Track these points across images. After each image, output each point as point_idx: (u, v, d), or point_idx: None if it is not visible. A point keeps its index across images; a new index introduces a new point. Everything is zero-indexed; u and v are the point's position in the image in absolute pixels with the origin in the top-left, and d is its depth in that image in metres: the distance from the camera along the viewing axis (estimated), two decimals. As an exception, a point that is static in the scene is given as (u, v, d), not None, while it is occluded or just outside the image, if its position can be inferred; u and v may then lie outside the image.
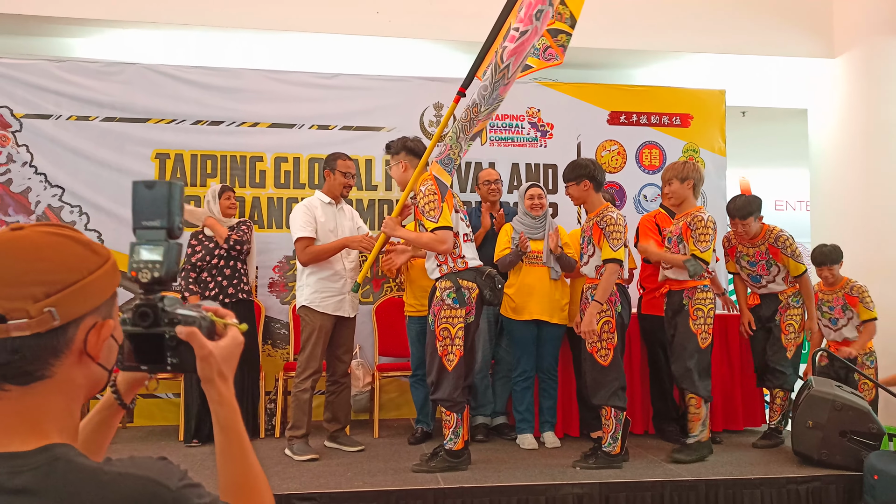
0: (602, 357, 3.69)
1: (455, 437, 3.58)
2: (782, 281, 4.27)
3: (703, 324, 3.83)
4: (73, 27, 5.12)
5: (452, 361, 3.53)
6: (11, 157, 4.86)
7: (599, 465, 3.65)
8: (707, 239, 3.83)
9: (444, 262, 3.58)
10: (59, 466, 0.78)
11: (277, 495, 3.17)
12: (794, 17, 5.71)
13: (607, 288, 3.67)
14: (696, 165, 4.06)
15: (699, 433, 3.82)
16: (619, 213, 3.78)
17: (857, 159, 5.56)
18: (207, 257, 4.29)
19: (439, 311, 3.54)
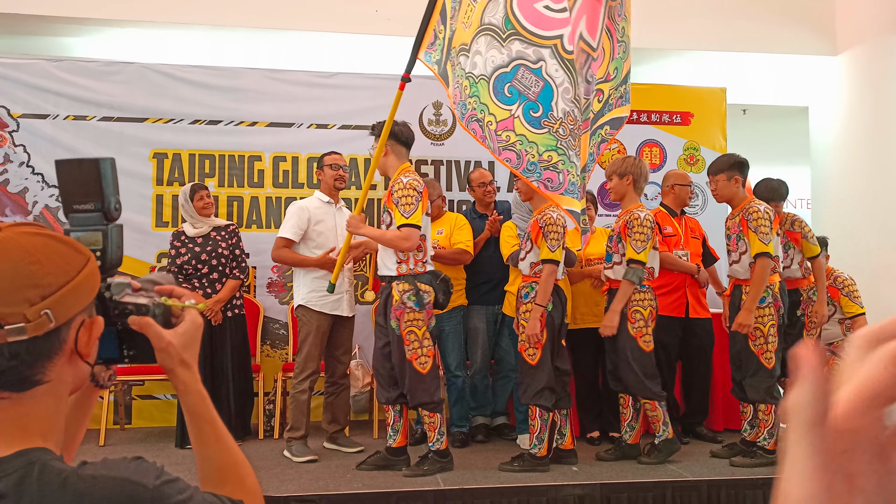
0: (530, 356, 3.63)
1: (440, 437, 3.54)
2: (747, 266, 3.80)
3: (643, 326, 3.69)
4: (71, 26, 5.10)
5: (426, 364, 3.46)
6: (8, 157, 4.84)
7: (523, 468, 3.58)
8: (643, 239, 3.68)
9: (404, 262, 3.48)
10: (33, 472, 0.77)
11: (276, 497, 3.15)
12: (795, 15, 5.68)
13: (547, 290, 3.61)
14: (637, 161, 3.91)
15: (663, 432, 3.75)
16: (561, 214, 3.68)
17: (859, 157, 5.53)
18: (193, 261, 4.24)
19: (402, 315, 3.45)
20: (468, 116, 3.29)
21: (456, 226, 4.41)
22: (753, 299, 3.68)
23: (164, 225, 4.95)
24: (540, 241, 3.65)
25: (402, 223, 3.40)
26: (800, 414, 0.38)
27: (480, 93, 3.22)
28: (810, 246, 4.14)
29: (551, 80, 3.14)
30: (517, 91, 3.17)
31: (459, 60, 3.31)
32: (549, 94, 3.14)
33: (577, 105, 3.16)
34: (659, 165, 5.58)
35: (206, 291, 4.21)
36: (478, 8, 3.27)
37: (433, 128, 5.35)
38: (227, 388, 4.21)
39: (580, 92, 3.20)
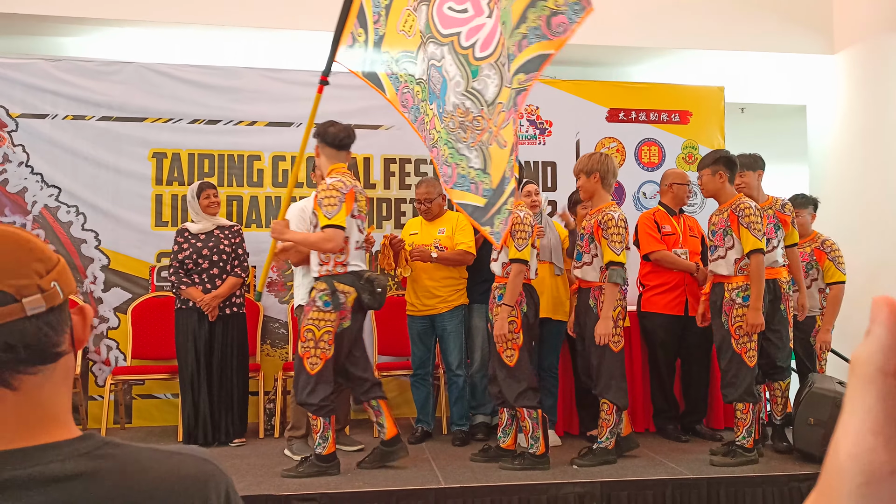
0: (508, 358, 3.61)
1: (324, 442, 3.48)
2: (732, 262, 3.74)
3: (612, 327, 3.65)
4: (69, 26, 5.09)
5: (316, 365, 3.42)
6: (7, 157, 4.83)
7: (524, 467, 3.57)
8: (619, 240, 3.63)
9: (325, 263, 3.49)
10: (110, 449, 0.79)
11: (277, 496, 3.15)
12: (793, 14, 5.69)
13: (515, 289, 3.59)
14: (604, 157, 3.82)
15: (605, 440, 3.68)
16: (528, 213, 3.69)
17: (857, 156, 5.55)
18: (195, 256, 4.26)
19: (307, 312, 3.46)
20: (419, 121, 3.38)
21: (458, 226, 4.40)
22: (758, 297, 3.65)
23: (164, 224, 4.95)
24: (508, 240, 3.63)
25: (324, 224, 3.40)
26: (868, 364, 0.35)
27: (424, 95, 3.36)
28: (795, 234, 4.06)
29: (446, 75, 3.23)
30: (431, 90, 3.31)
31: (405, 67, 3.36)
32: (445, 88, 3.24)
33: (470, 97, 3.16)
34: (657, 164, 5.59)
35: (206, 287, 4.22)
36: (415, 17, 3.37)
37: (432, 127, 5.35)
38: (231, 385, 4.22)
39: (477, 85, 3.16)
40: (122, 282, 4.89)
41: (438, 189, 4.55)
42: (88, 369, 4.82)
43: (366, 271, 3.57)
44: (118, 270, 4.90)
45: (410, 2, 3.33)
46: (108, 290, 4.87)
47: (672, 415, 4.41)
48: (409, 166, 5.30)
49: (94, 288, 4.85)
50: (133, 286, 4.89)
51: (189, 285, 4.20)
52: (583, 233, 3.84)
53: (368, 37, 3.38)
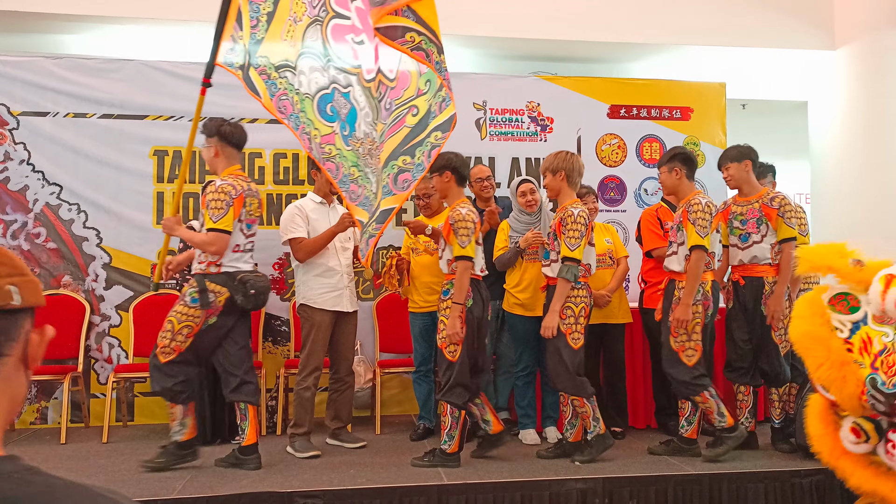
0: (451, 353, 3.62)
1: (182, 429, 3.57)
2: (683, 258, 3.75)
3: (573, 323, 3.63)
4: (70, 23, 5.09)
5: (168, 355, 3.50)
6: (9, 155, 4.84)
7: (433, 464, 3.58)
8: (576, 236, 3.62)
9: (202, 262, 3.57)
10: (30, 476, 0.76)
11: (280, 493, 3.16)
12: (794, 9, 5.69)
13: (462, 287, 3.59)
14: (569, 156, 3.83)
15: (594, 428, 3.69)
16: (470, 210, 3.69)
17: (858, 152, 5.55)
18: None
19: (175, 303, 3.55)
20: (301, 129, 3.52)
21: None
22: (690, 293, 3.64)
23: (165, 222, 4.95)
24: (451, 237, 3.65)
25: (210, 227, 3.48)
26: None
27: (307, 109, 3.52)
28: (786, 228, 3.84)
29: (356, 104, 3.53)
30: (336, 111, 3.55)
31: (286, 76, 3.51)
32: (354, 116, 3.52)
33: (375, 129, 3.50)
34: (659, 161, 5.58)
35: None
36: (298, 29, 3.52)
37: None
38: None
39: (380, 113, 3.52)
40: (124, 279, 4.89)
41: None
42: (90, 367, 4.83)
43: (241, 272, 3.60)
44: (120, 268, 4.90)
45: (292, 13, 3.50)
46: (110, 287, 4.87)
47: (674, 411, 4.40)
48: (411, 163, 5.29)
49: (96, 286, 4.86)
50: (135, 284, 4.89)
51: None
52: (549, 231, 3.84)
53: (245, 39, 3.46)
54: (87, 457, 3.89)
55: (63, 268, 4.85)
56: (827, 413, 2.83)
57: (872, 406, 2.56)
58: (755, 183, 4.00)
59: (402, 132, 3.48)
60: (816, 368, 2.65)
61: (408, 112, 3.50)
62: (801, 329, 2.75)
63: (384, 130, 3.52)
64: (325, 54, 3.55)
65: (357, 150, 3.52)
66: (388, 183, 3.44)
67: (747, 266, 3.93)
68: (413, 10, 3.29)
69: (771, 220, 3.88)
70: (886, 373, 2.50)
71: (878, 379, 2.52)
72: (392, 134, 3.50)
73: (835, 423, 2.80)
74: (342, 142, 3.53)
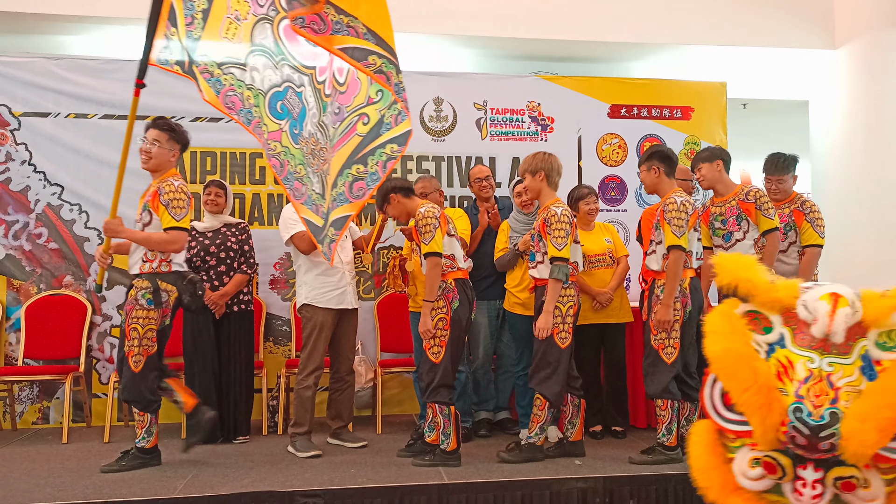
0: (434, 354, 3.62)
1: (148, 437, 3.59)
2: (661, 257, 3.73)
3: (560, 322, 3.62)
4: (71, 24, 5.10)
5: (139, 363, 3.48)
6: (10, 156, 4.85)
7: (434, 463, 3.58)
8: (562, 235, 3.60)
9: (151, 261, 3.54)
10: None
11: (281, 492, 3.16)
12: (794, 8, 5.69)
13: (433, 284, 3.61)
14: (548, 156, 3.82)
15: (534, 436, 3.68)
16: (429, 207, 3.72)
17: (859, 151, 5.54)
18: (202, 253, 4.28)
19: (131, 311, 3.50)
20: (254, 123, 3.52)
21: (453, 217, 4.44)
22: (670, 293, 3.61)
23: (167, 222, 4.96)
24: (417, 238, 3.70)
25: (172, 226, 3.50)
26: None
27: (260, 104, 3.53)
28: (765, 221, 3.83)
29: (307, 104, 3.54)
30: (287, 109, 3.55)
31: (231, 72, 3.52)
32: (304, 115, 3.53)
33: (321, 130, 3.51)
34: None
35: (214, 284, 4.25)
36: (244, 28, 3.51)
37: (434, 124, 5.36)
38: (236, 383, 4.24)
39: (326, 120, 3.53)
40: (125, 280, 4.89)
41: (436, 185, 4.56)
42: (92, 367, 4.84)
43: (188, 272, 3.66)
44: (121, 269, 4.89)
45: (232, 11, 3.50)
46: (111, 287, 4.88)
47: (675, 410, 4.41)
48: (411, 163, 5.31)
49: (98, 286, 4.86)
50: (136, 284, 4.89)
51: None
52: (533, 232, 3.82)
53: (181, 37, 3.45)
54: (89, 456, 3.89)
55: (64, 268, 4.86)
56: (715, 444, 2.45)
57: (791, 439, 2.20)
58: (728, 182, 3.97)
59: (353, 140, 3.52)
60: (742, 392, 2.24)
61: (359, 120, 3.54)
62: (721, 345, 2.33)
63: (336, 137, 3.54)
64: (279, 52, 3.55)
65: (303, 148, 3.54)
66: (345, 191, 3.49)
67: None
68: (372, 31, 3.30)
69: (750, 215, 3.84)
70: (813, 402, 2.17)
71: (803, 409, 2.18)
72: (344, 142, 3.53)
73: (724, 456, 2.42)
74: (290, 140, 3.54)
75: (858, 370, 2.19)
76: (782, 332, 2.30)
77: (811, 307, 2.20)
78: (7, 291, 4.81)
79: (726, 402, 2.30)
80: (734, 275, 2.41)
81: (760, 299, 2.34)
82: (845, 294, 2.26)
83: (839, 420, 2.10)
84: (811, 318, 2.20)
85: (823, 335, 2.19)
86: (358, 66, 3.31)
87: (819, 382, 2.19)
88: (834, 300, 2.18)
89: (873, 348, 2.21)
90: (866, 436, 2.07)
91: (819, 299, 2.21)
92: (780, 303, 2.32)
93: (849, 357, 2.19)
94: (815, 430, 2.14)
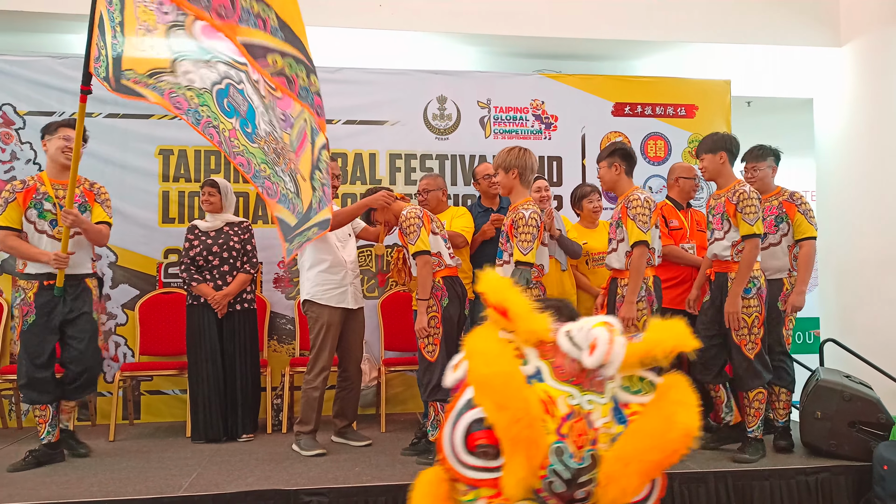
0: (429, 353, 3.63)
1: (53, 430, 3.67)
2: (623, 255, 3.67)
3: None
4: (76, 23, 5.10)
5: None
6: (15, 155, 4.86)
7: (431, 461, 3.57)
8: (528, 239, 3.51)
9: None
10: None
11: (286, 490, 3.17)
12: (799, 6, 5.67)
13: (425, 283, 3.63)
14: (522, 152, 3.72)
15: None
16: (411, 209, 3.73)
17: (864, 149, 5.53)
18: (205, 253, 4.29)
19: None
20: (204, 123, 3.30)
21: (455, 215, 4.48)
22: (633, 290, 3.57)
23: (171, 221, 4.98)
24: (404, 240, 3.73)
25: (104, 220, 3.85)
26: None
27: (209, 103, 3.28)
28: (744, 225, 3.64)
29: (252, 101, 3.27)
30: (233, 107, 3.30)
31: (164, 79, 3.30)
32: (253, 113, 3.27)
33: (275, 129, 3.25)
34: (664, 158, 5.59)
35: (217, 283, 4.25)
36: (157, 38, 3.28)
37: (438, 122, 5.36)
38: (240, 381, 4.24)
39: (274, 118, 3.25)
40: (130, 278, 4.91)
41: (440, 183, 4.57)
42: (97, 365, 4.85)
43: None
44: (126, 267, 4.92)
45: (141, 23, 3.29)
46: (116, 286, 4.89)
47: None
48: (415, 161, 5.31)
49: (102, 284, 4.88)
50: (141, 283, 4.91)
51: (200, 282, 4.23)
52: (503, 231, 3.77)
53: (108, 51, 3.31)
54: (94, 455, 3.90)
55: (69, 267, 4.87)
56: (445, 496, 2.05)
57: (549, 486, 1.86)
58: (729, 175, 3.82)
59: (308, 147, 3.32)
60: (512, 424, 1.85)
61: (307, 125, 3.34)
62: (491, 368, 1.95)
63: (293, 141, 3.32)
64: (206, 52, 3.31)
65: (263, 147, 3.30)
66: (322, 195, 3.30)
67: (714, 261, 3.83)
68: (285, 23, 3.04)
69: (732, 215, 3.71)
70: (576, 441, 1.89)
71: (565, 449, 1.87)
72: (303, 146, 3.33)
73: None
74: (245, 139, 3.33)
75: (611, 412, 1.95)
76: (539, 365, 1.99)
77: (582, 336, 1.92)
78: (11, 290, 4.83)
79: (469, 446, 1.91)
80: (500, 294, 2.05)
81: (517, 329, 2.00)
82: (616, 325, 2.03)
83: (598, 464, 1.84)
84: (580, 348, 1.92)
85: (599, 364, 1.90)
86: (255, 64, 3.07)
87: (580, 421, 1.90)
88: (610, 329, 1.92)
89: (620, 392, 1.96)
90: (629, 480, 1.84)
91: (594, 327, 1.93)
92: (535, 335, 2.00)
93: (604, 397, 1.94)
94: (576, 475, 1.85)
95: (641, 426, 1.90)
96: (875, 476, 3.46)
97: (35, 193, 3.71)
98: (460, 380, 1.94)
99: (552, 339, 1.94)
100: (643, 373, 1.98)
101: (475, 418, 1.87)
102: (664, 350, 1.92)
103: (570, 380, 1.95)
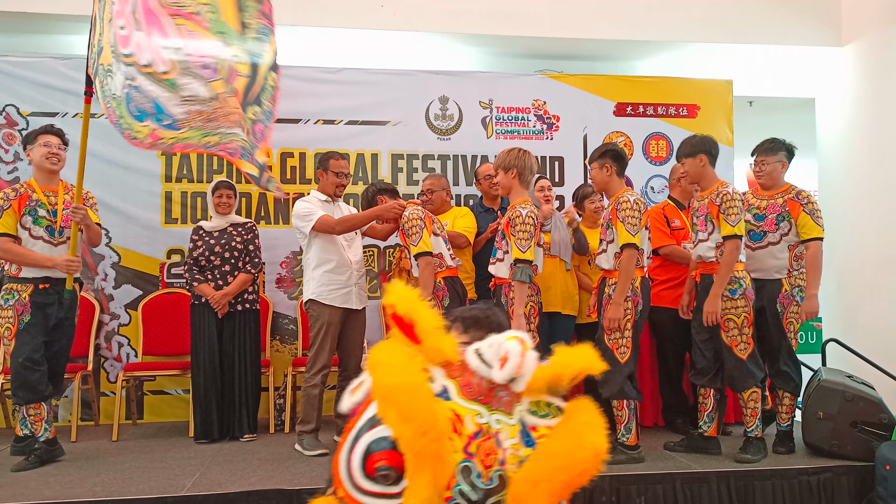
0: None
1: (49, 427, 3.68)
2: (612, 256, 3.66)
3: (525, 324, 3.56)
4: (79, 24, 5.11)
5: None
6: (18, 156, 4.88)
7: None
8: (526, 237, 3.53)
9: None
10: None
11: (288, 490, 3.17)
12: (801, 6, 5.67)
13: (427, 284, 3.63)
14: (521, 153, 3.74)
15: None
16: (413, 209, 3.75)
17: (866, 149, 5.52)
18: (207, 253, 4.31)
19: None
20: (127, 135, 3.29)
21: (458, 215, 4.48)
22: (622, 292, 3.56)
23: (174, 222, 4.99)
24: (405, 241, 3.74)
25: (96, 222, 3.90)
26: None
27: (123, 114, 3.25)
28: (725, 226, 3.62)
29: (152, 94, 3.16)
30: (141, 110, 3.21)
31: (107, 80, 3.31)
32: (159, 108, 3.15)
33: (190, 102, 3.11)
34: (666, 158, 5.59)
35: (219, 283, 4.26)
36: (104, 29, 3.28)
37: (440, 122, 5.36)
38: (240, 381, 4.25)
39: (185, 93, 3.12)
40: (133, 278, 4.92)
41: (444, 183, 4.58)
42: (100, 365, 4.86)
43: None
44: (129, 267, 4.93)
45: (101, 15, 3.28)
46: (119, 286, 4.90)
47: (681, 409, 4.41)
48: (417, 162, 5.31)
49: (105, 285, 4.89)
50: (143, 283, 4.92)
51: (202, 282, 4.24)
52: (500, 230, 3.78)
53: (95, 49, 3.32)
54: (98, 454, 3.92)
55: (72, 267, 4.88)
56: None
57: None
58: (711, 177, 3.78)
59: (240, 81, 3.13)
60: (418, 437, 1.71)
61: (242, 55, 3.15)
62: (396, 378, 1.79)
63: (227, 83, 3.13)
64: (114, 52, 3.23)
65: (191, 126, 3.14)
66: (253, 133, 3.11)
67: (700, 263, 3.82)
68: None
69: (714, 217, 3.68)
70: (483, 461, 1.76)
71: (472, 468, 1.73)
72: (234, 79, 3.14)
73: None
74: (170, 130, 3.17)
75: (519, 434, 1.93)
76: (445, 383, 1.85)
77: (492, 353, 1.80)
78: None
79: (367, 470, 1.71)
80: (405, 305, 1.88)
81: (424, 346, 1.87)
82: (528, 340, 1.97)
83: (506, 485, 1.73)
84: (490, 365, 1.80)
85: (510, 377, 1.79)
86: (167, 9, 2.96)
87: (488, 440, 1.78)
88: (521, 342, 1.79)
89: (527, 415, 1.94)
90: (537, 501, 1.72)
91: (506, 341, 1.80)
92: (441, 354, 1.86)
93: (512, 417, 1.82)
94: (484, 496, 1.71)
95: (550, 446, 1.78)
96: (877, 476, 3.46)
97: (28, 200, 3.74)
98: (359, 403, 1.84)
99: (459, 359, 1.81)
100: (550, 398, 1.92)
101: (376, 437, 1.68)
102: (571, 373, 1.85)
103: (477, 398, 1.81)
